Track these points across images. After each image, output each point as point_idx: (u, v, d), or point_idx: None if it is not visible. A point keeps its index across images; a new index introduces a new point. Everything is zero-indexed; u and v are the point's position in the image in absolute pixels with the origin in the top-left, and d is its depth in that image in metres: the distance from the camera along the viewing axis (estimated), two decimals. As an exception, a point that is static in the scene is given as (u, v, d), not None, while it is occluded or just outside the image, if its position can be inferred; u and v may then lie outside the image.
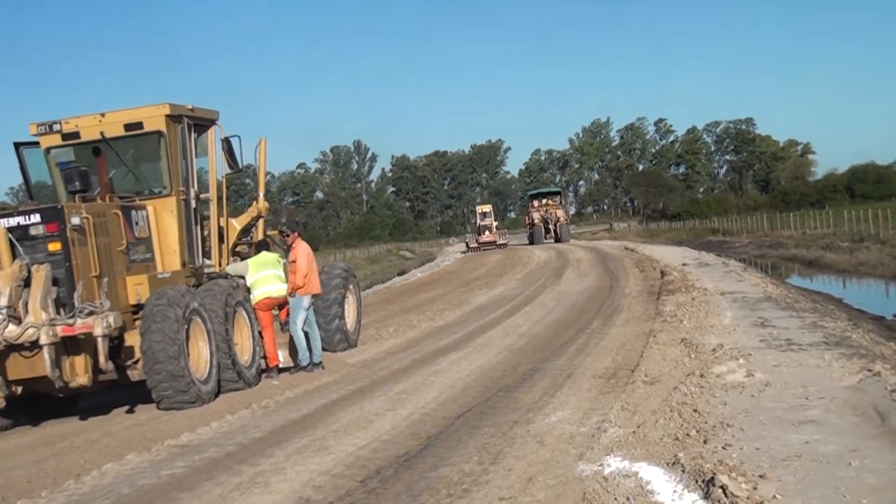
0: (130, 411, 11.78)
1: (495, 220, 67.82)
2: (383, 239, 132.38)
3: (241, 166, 13.88)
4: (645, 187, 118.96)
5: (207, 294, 12.33)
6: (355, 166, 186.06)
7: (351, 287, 16.72)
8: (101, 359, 10.54)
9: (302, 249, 13.90)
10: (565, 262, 39.79)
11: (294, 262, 13.82)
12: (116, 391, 12.55)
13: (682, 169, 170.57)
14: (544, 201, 72.78)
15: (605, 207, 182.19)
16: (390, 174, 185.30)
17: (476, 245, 64.06)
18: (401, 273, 55.92)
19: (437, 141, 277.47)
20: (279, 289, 13.72)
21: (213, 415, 10.96)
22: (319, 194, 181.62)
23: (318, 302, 14.78)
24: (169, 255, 12.72)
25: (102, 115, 12.67)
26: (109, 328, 10.56)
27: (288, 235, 14.17)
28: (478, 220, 67.77)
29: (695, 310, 16.87)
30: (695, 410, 8.66)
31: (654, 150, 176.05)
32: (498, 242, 63.75)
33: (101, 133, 12.58)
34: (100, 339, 10.49)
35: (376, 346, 16.86)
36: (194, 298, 11.72)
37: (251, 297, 13.49)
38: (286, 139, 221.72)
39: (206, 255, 13.59)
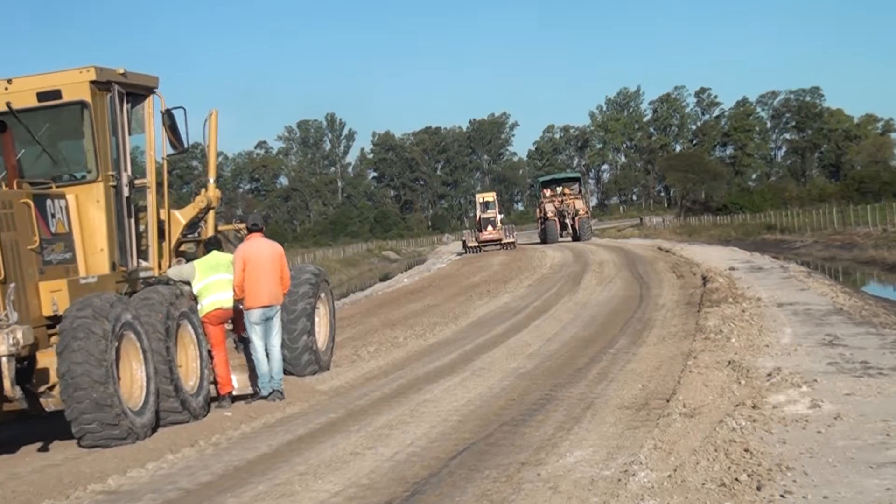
0: (44, 449, 11.70)
1: (500, 213, 67.24)
2: (362, 236, 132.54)
3: (186, 145, 13.81)
4: (683, 173, 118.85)
5: (144, 304, 12.26)
6: (328, 146, 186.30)
7: (322, 296, 16.66)
8: (6, 384, 10.45)
9: (237, 252, 13.82)
10: (585, 265, 39.77)
11: None
12: (27, 424, 12.44)
13: (729, 150, 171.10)
14: (559, 190, 72.78)
15: (634, 198, 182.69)
16: (371, 155, 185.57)
17: (476, 244, 63.58)
18: (384, 278, 55.84)
19: (428, 115, 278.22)
20: (232, 298, 13.66)
21: (149, 454, 10.88)
22: (284, 180, 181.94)
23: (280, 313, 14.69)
24: (94, 255, 12.64)
25: (9, 81, 12.57)
26: (17, 346, 10.47)
27: (251, 232, 14.07)
28: (478, 213, 67.05)
29: (745, 325, 16.83)
30: (745, 450, 8.60)
31: (694, 128, 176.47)
32: (503, 241, 63.17)
33: (8, 104, 12.48)
34: (4, 360, 10.40)
35: (353, 368, 16.80)
36: (127, 309, 11.64)
37: (199, 307, 13.44)
38: (243, 112, 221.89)
39: (143, 255, 13.52)
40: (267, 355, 13.74)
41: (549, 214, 69.44)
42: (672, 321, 19.68)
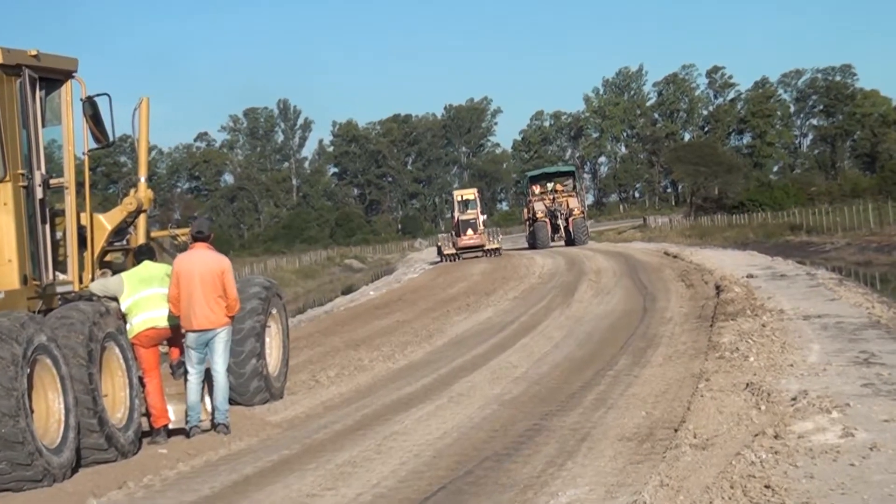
0: (-55, 495, 11.58)
1: (482, 213, 66.50)
2: (321, 242, 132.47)
3: (112, 138, 13.72)
4: (693, 166, 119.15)
5: (62, 324, 12.16)
6: (280, 137, 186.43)
7: (274, 312, 16.60)
8: None
9: (174, 264, 13.73)
10: (580, 273, 39.81)
11: None
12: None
13: (746, 139, 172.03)
14: (550, 186, 72.90)
15: (637, 195, 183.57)
16: (331, 148, 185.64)
17: (453, 251, 62.85)
18: (346, 291, 55.70)
19: (397, 101, 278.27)
20: (167, 315, 13.58)
21: (68, 498, 10.79)
22: (229, 178, 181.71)
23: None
24: (2, 266, 12.54)
25: None
26: None
27: (194, 241, 13.94)
28: (456, 214, 66.12)
29: (766, 341, 16.85)
30: (766, 486, 8.59)
31: (706, 113, 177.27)
32: (486, 246, 62.32)
33: None
34: None
35: (311, 396, 16.76)
36: (41, 331, 11.54)
37: (128, 327, 13.37)
38: (180, 100, 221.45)
39: (60, 267, 13.42)
40: (206, 382, 13.67)
41: (539, 215, 69.40)
42: (681, 337, 19.70)
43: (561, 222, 68.94)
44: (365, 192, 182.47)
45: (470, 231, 62.79)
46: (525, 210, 74.34)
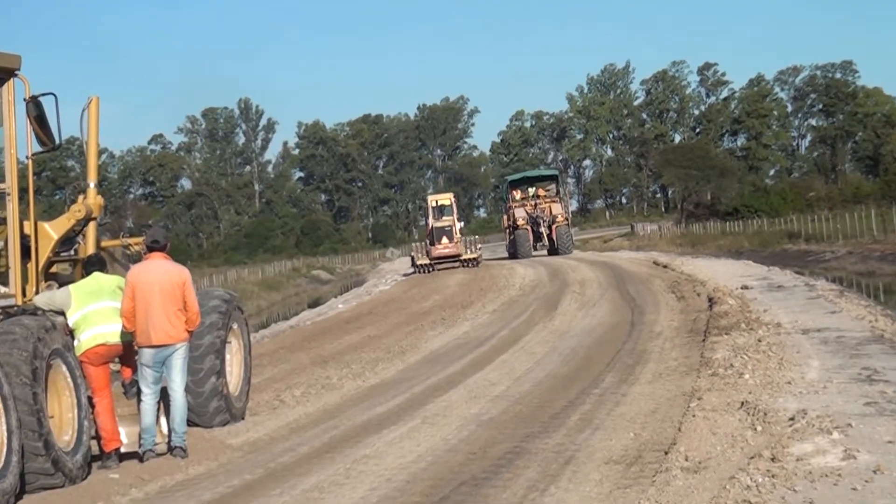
0: None
1: (459, 220, 65.66)
2: (286, 251, 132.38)
3: (58, 141, 13.66)
4: (684, 169, 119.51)
5: (3, 340, 12.10)
6: (242, 140, 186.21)
7: (235, 327, 16.56)
8: None
9: (128, 276, 13.66)
10: (563, 284, 39.84)
11: None
12: None
13: (741, 141, 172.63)
14: (532, 191, 72.86)
15: (624, 201, 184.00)
16: (296, 151, 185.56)
17: (427, 261, 62.22)
18: (313, 304, 55.62)
19: (367, 100, 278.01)
20: (119, 331, 13.52)
21: (12, 530, 10.73)
22: (186, 183, 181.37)
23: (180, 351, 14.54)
24: (-61, 279, 12.48)
25: None
26: None
27: (151, 251, 13.87)
28: (430, 220, 65.24)
29: (762, 357, 16.89)
30: (763, 513, 8.59)
31: (697, 113, 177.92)
32: (463, 256, 61.77)
33: None
34: None
35: (275, 417, 16.74)
36: (-18, 347, 11.47)
37: (76, 343, 13.32)
38: (133, 100, 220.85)
39: (2, 279, 13.38)
40: (161, 402, 13.62)
41: (520, 222, 69.28)
42: (671, 353, 19.73)
43: (543, 230, 68.82)
44: (333, 199, 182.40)
45: (445, 239, 61.41)
46: (505, 217, 74.30)
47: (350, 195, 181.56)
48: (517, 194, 72.81)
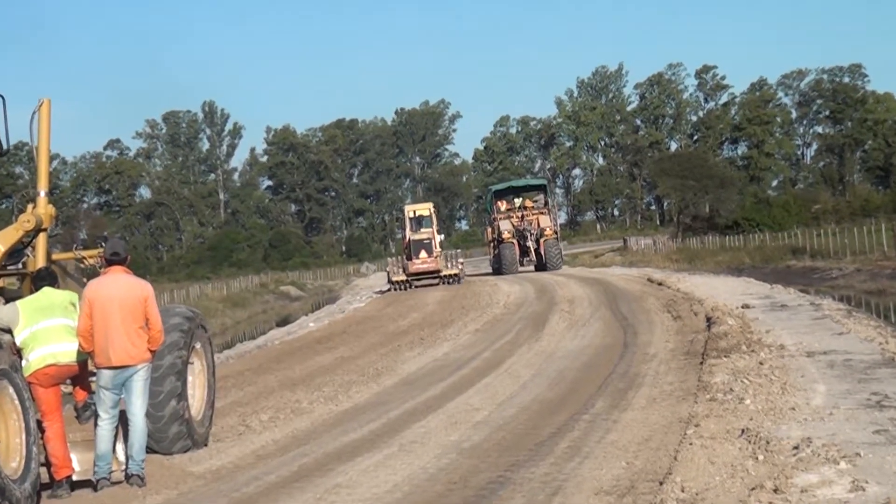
0: None
1: (439, 234, 64.94)
2: (253, 266, 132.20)
3: (6, 146, 13.63)
4: (680, 179, 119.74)
5: (-55, 360, 12.05)
6: (206, 145, 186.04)
7: (198, 347, 16.53)
8: None
9: (85, 291, 13.63)
10: (551, 302, 39.87)
11: None
12: None
13: (742, 149, 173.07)
14: (518, 202, 72.94)
15: (616, 213, 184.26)
16: (264, 158, 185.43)
17: (403, 277, 61.57)
18: (282, 322, 55.53)
19: (341, 104, 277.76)
20: (72, 350, 13.48)
21: (-44, 564, 10.68)
22: (145, 192, 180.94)
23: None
24: None
25: None
26: None
27: (109, 265, 13.84)
28: (407, 232, 64.54)
29: (764, 381, 16.91)
30: (765, 548, 8.61)
31: (695, 119, 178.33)
32: (444, 272, 61.25)
33: None
34: None
35: (240, 443, 16.70)
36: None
37: (24, 363, 13.27)
38: (87, 103, 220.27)
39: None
40: (119, 427, 13.58)
41: (505, 235, 69.28)
42: (666, 377, 19.73)
43: (531, 244, 68.80)
44: (304, 209, 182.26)
45: (424, 253, 60.46)
46: (489, 230, 74.26)
47: (322, 205, 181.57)
48: (502, 205, 72.81)
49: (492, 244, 72.38)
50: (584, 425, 15.68)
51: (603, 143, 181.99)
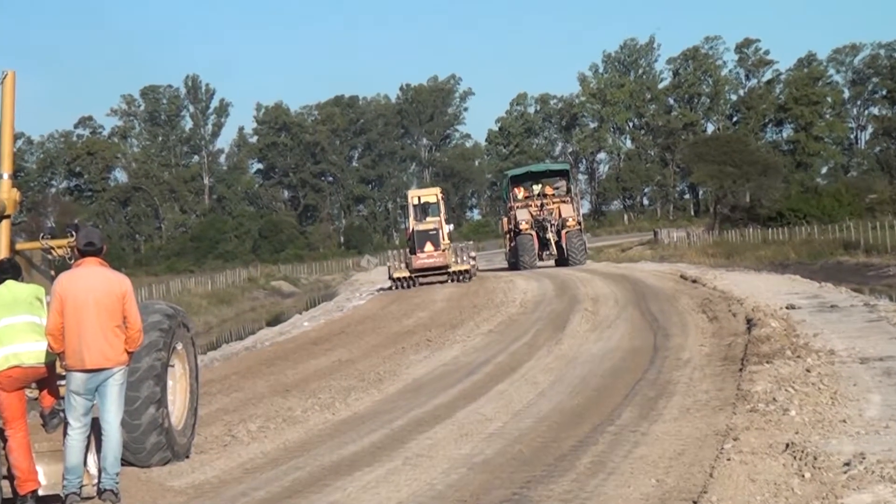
0: None
1: (447, 223, 63.68)
2: (241, 258, 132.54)
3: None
4: (718, 165, 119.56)
5: None
6: (189, 124, 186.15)
7: (179, 348, 16.52)
8: None
9: (55, 285, 13.62)
10: (573, 301, 39.88)
11: None
12: None
13: (787, 132, 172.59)
14: (537, 189, 72.77)
15: (646, 202, 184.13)
16: (254, 139, 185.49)
17: (406, 273, 60.17)
18: (273, 321, 55.57)
19: (340, 79, 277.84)
20: (39, 350, 13.45)
21: None
22: (121, 175, 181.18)
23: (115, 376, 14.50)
24: None
25: None
26: None
27: (83, 256, 13.83)
28: (410, 222, 62.81)
29: (811, 390, 16.92)
30: (812, 577, 8.60)
31: (735, 98, 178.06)
32: (453, 268, 59.69)
33: None
34: None
35: (226, 455, 16.73)
36: None
37: (-15, 365, 13.24)
38: (57, 76, 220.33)
39: None
40: (91, 438, 13.57)
41: (523, 226, 69.06)
42: (701, 384, 19.74)
43: (551, 236, 68.52)
44: (298, 195, 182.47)
45: (430, 246, 58.91)
46: (504, 220, 74.15)
47: (318, 192, 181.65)
48: (519, 193, 72.62)
49: (507, 236, 72.36)
50: (609, 438, 15.68)
51: (631, 124, 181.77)
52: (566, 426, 16.91)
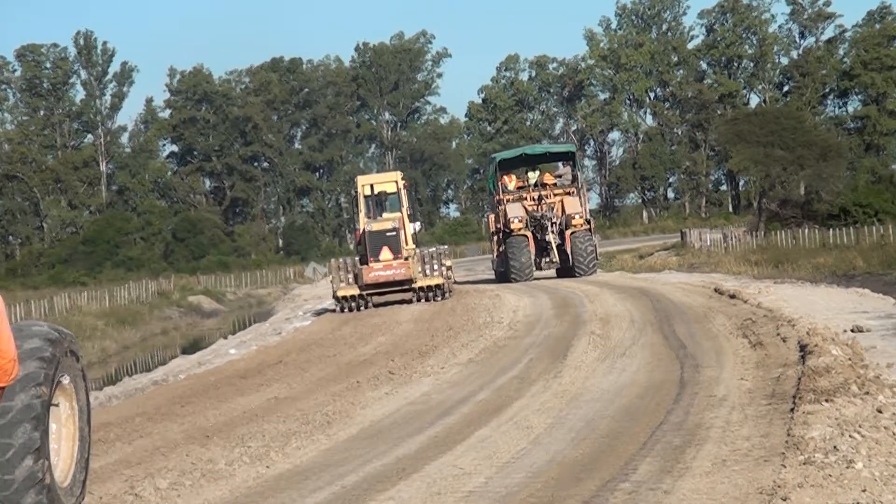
0: None
1: (412, 221, 61.68)
2: (149, 266, 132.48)
3: None
4: (764, 148, 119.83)
5: None
6: (80, 94, 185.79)
7: (66, 382, 16.50)
8: None
9: None
10: (576, 321, 39.99)
11: None
12: None
13: (853, 106, 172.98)
14: (534, 177, 72.55)
15: (671, 194, 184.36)
16: (166, 114, 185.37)
17: (356, 291, 57.15)
18: (190, 348, 55.61)
19: (277, 38, 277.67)
20: None
21: None
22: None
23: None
24: None
25: None
26: None
27: None
28: (361, 221, 59.45)
29: (883, 436, 17.01)
30: None
31: (786, 62, 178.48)
32: (419, 283, 56.83)
33: None
34: None
35: (125, 521, 16.69)
36: None
37: None
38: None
39: None
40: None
41: (515, 225, 68.67)
42: (741, 429, 19.81)
43: (552, 237, 68.21)
44: (223, 186, 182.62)
45: (387, 252, 55.77)
46: (491, 217, 73.88)
47: (250, 181, 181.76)
48: (511, 182, 72.37)
49: (495, 238, 72.10)
50: (622, 498, 15.75)
51: (653, 95, 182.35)
52: (567, 483, 16.97)
